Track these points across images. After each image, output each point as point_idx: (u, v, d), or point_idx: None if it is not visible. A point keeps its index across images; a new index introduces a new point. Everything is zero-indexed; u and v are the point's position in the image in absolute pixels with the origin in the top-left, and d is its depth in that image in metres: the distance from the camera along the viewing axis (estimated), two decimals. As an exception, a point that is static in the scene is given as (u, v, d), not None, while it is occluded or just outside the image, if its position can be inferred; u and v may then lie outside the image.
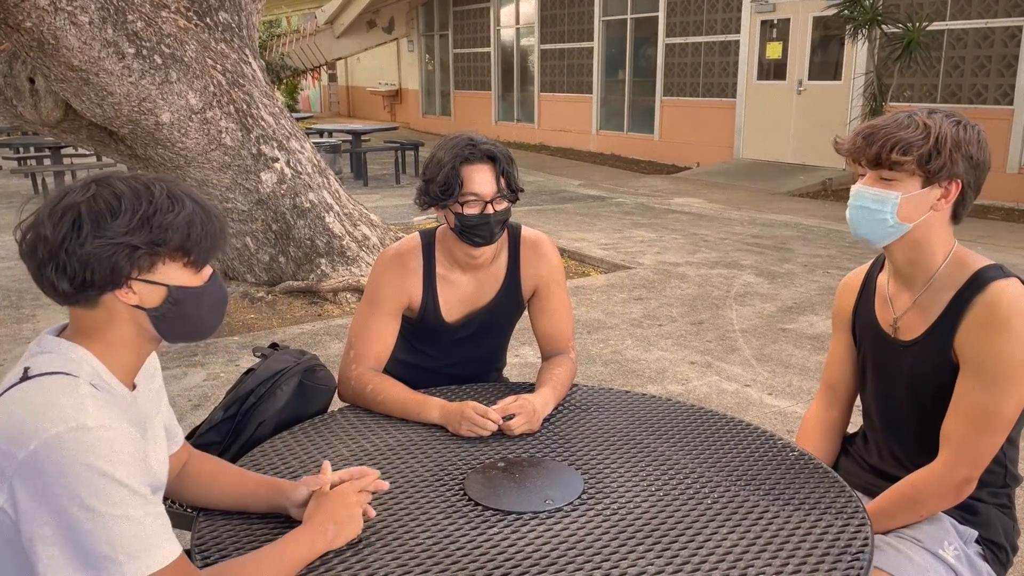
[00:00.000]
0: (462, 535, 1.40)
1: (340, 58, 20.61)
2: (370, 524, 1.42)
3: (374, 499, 1.49)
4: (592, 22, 14.38)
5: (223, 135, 5.08)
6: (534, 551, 1.35)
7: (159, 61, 4.66)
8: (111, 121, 4.73)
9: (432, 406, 1.85)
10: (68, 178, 10.08)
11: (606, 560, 1.33)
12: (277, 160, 5.38)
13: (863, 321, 1.75)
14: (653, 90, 13.36)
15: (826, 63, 10.88)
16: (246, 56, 5.47)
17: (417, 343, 2.14)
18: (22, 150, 11.38)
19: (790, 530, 1.41)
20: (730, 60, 12.04)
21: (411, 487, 1.56)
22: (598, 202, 9.69)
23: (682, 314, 5.25)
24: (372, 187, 10.83)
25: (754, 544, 1.37)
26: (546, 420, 1.86)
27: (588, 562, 1.32)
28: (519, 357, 4.43)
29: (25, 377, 1.15)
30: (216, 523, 1.45)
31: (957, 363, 1.55)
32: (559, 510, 1.48)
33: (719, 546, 1.36)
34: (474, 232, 1.94)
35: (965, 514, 1.63)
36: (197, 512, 1.50)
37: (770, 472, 1.61)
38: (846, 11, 8.85)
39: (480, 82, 17.89)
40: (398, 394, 1.90)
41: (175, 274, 1.22)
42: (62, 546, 1.07)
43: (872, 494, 1.68)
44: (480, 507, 1.49)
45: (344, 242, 5.57)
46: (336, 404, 1.99)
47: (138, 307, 1.20)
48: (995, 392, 1.49)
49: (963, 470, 1.53)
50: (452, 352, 2.14)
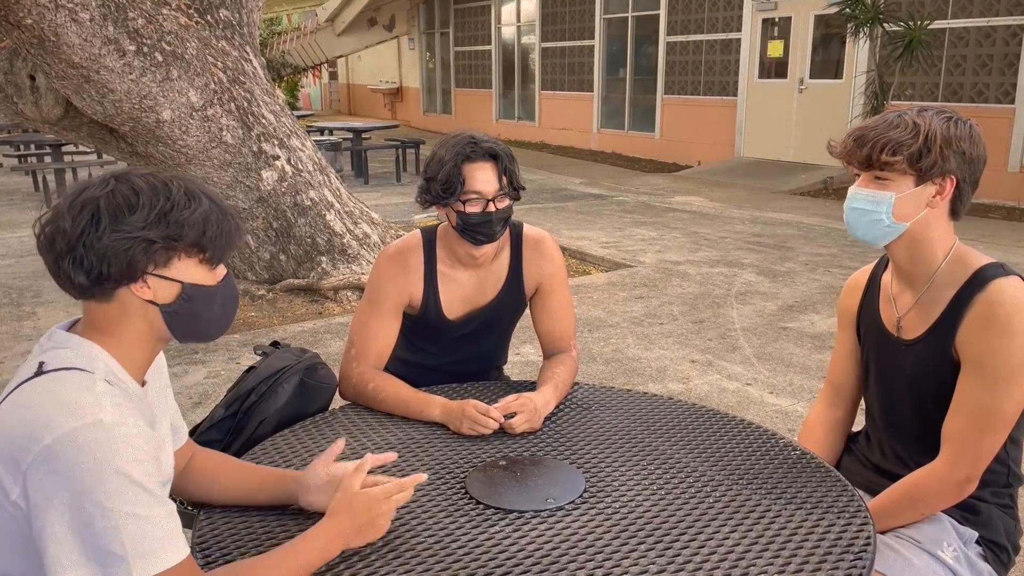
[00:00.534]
0: (464, 534, 1.40)
1: (341, 56, 20.60)
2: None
3: None
4: (593, 20, 14.36)
5: (224, 133, 5.07)
6: (536, 550, 1.35)
7: (160, 58, 4.65)
8: (112, 119, 4.73)
9: (433, 404, 1.84)
10: (69, 176, 10.08)
11: (608, 559, 1.33)
12: (278, 158, 5.38)
13: (867, 320, 1.75)
14: (654, 88, 13.35)
15: (827, 61, 10.87)
16: (247, 54, 5.46)
17: (418, 341, 2.14)
18: (23, 147, 11.38)
19: (792, 529, 1.41)
20: (731, 58, 12.03)
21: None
22: (599, 200, 9.68)
23: (683, 313, 5.24)
24: (373, 185, 10.83)
25: (756, 543, 1.37)
26: (547, 419, 1.86)
27: (590, 561, 1.32)
28: (520, 355, 4.43)
29: (40, 372, 1.15)
30: (216, 521, 1.45)
31: (958, 362, 1.55)
32: (561, 509, 1.48)
33: (721, 545, 1.36)
34: (476, 230, 1.93)
35: (966, 514, 1.62)
36: (198, 510, 1.50)
37: (772, 471, 1.61)
38: (847, 9, 8.84)
39: (481, 80, 17.88)
40: (399, 392, 1.90)
41: (190, 271, 1.23)
42: (72, 542, 1.07)
43: (874, 493, 1.68)
44: (482, 506, 1.49)
45: (345, 240, 5.57)
46: (337, 402, 1.99)
47: (151, 303, 1.21)
48: (996, 391, 1.49)
49: (964, 469, 1.53)
50: (453, 350, 2.13)
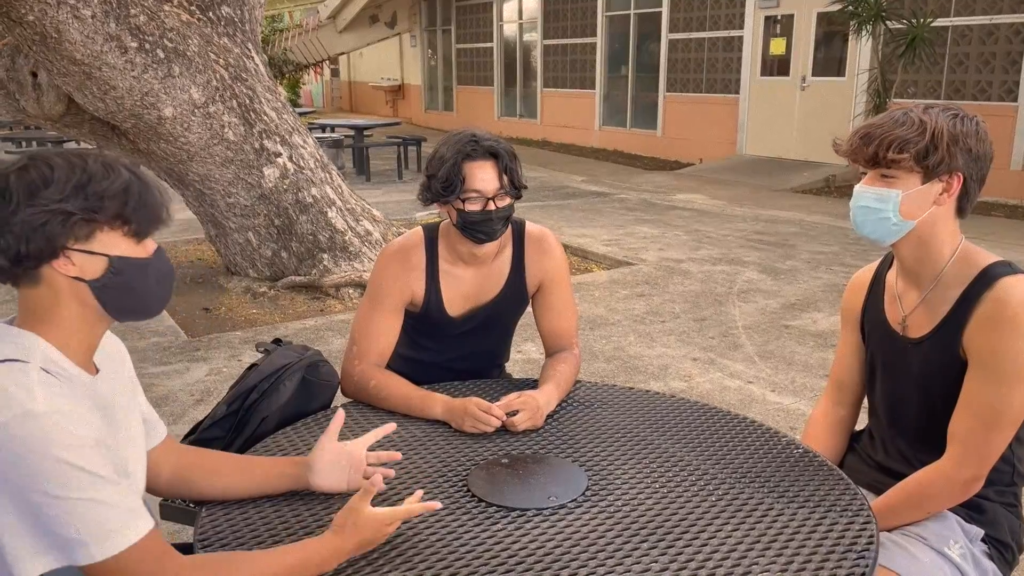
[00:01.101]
0: (466, 532, 1.40)
1: (342, 53, 20.58)
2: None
3: (380, 496, 1.48)
4: (595, 17, 14.35)
5: (225, 130, 5.07)
6: (538, 548, 1.35)
7: (162, 55, 4.65)
8: (114, 115, 4.73)
9: (435, 402, 1.84)
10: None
11: (610, 557, 1.32)
12: (280, 155, 5.37)
13: (872, 319, 1.75)
14: (656, 86, 13.34)
15: (830, 59, 10.85)
16: (249, 51, 5.46)
17: (420, 338, 2.13)
18: (24, 144, 11.38)
19: (795, 527, 1.41)
20: (733, 56, 12.01)
21: (415, 483, 1.56)
22: (601, 198, 9.68)
23: (685, 310, 5.24)
24: (374, 182, 10.83)
25: (759, 541, 1.36)
26: (550, 416, 1.86)
27: (592, 559, 1.32)
28: (522, 353, 4.43)
29: None
30: (218, 517, 1.44)
31: (965, 360, 1.54)
32: (563, 507, 1.47)
33: (723, 543, 1.36)
34: (476, 229, 1.93)
35: (971, 512, 1.62)
36: (200, 507, 1.49)
37: (775, 469, 1.61)
38: (850, 7, 8.82)
39: (483, 77, 17.87)
40: (401, 390, 1.89)
41: (115, 244, 1.19)
42: (27, 533, 1.06)
43: (878, 491, 1.68)
44: (484, 503, 1.49)
45: (346, 237, 5.56)
46: (339, 400, 1.99)
47: (79, 279, 1.18)
48: (1003, 389, 1.48)
49: (970, 468, 1.52)
50: (455, 347, 2.13)
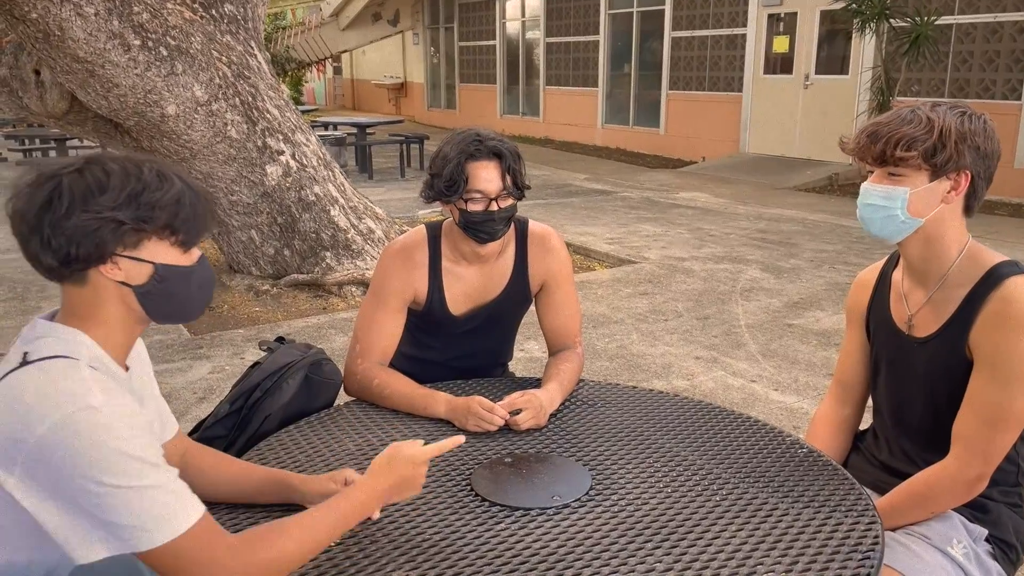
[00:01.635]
0: (469, 531, 1.40)
1: (345, 51, 20.58)
2: (376, 521, 1.41)
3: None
4: (598, 15, 14.33)
5: (228, 128, 5.07)
6: (542, 547, 1.35)
7: (165, 53, 4.65)
8: (117, 113, 4.73)
9: (438, 401, 1.84)
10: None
11: (614, 557, 1.32)
12: (282, 153, 5.37)
13: (877, 318, 1.74)
14: (659, 84, 13.32)
15: (833, 57, 10.83)
16: (252, 48, 5.46)
17: (423, 337, 2.13)
18: (27, 142, 11.39)
19: (800, 527, 1.40)
20: (737, 54, 11.99)
21: (418, 482, 1.56)
22: (603, 196, 9.67)
23: (688, 309, 5.23)
24: (377, 180, 10.82)
25: (763, 541, 1.36)
26: (553, 415, 1.86)
27: (596, 559, 1.32)
28: (525, 352, 4.43)
29: (25, 362, 1.15)
30: (221, 515, 1.44)
31: (971, 360, 1.54)
32: (567, 506, 1.47)
33: (728, 543, 1.35)
34: (478, 228, 1.93)
35: (975, 512, 1.61)
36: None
37: (779, 469, 1.60)
38: (854, 4, 8.80)
39: (485, 75, 17.85)
40: (404, 389, 1.89)
41: (162, 252, 1.22)
42: (88, 524, 1.09)
43: (882, 491, 1.67)
44: (487, 503, 1.48)
45: (349, 235, 5.56)
46: (342, 398, 1.98)
47: (124, 284, 1.21)
48: (1009, 389, 1.48)
49: (975, 467, 1.52)
50: (458, 345, 2.13)
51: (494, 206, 1.91)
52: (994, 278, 1.51)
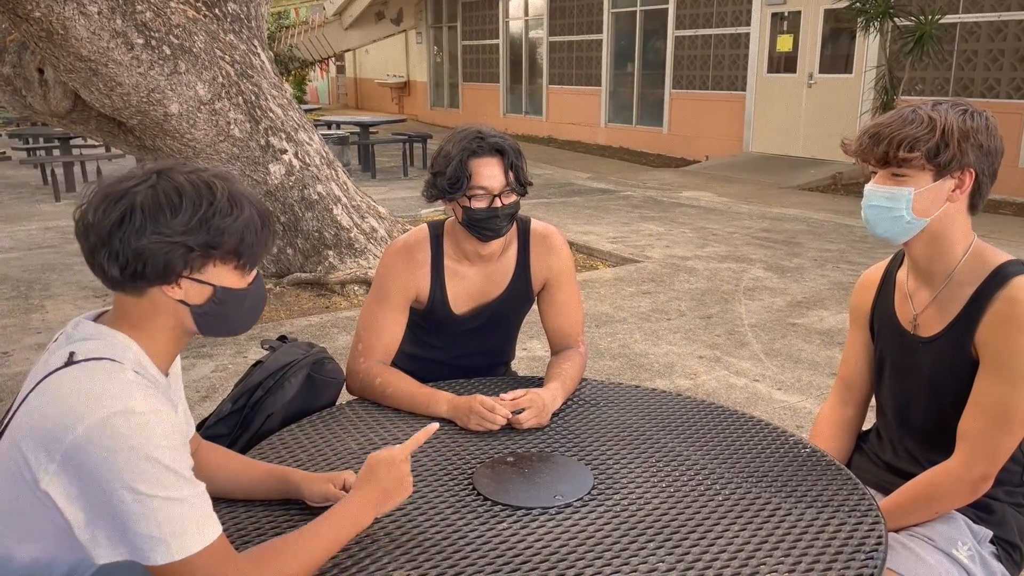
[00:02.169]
0: (471, 530, 1.39)
1: (348, 50, 20.58)
2: (377, 520, 1.41)
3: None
4: (601, 14, 14.31)
5: (231, 126, 5.07)
6: (544, 547, 1.34)
7: (168, 52, 4.65)
8: (120, 112, 4.73)
9: (440, 400, 1.83)
10: (77, 169, 10.10)
11: (616, 556, 1.32)
12: (285, 152, 5.37)
13: (882, 317, 1.74)
14: (662, 83, 13.30)
15: (837, 56, 10.81)
16: (255, 47, 5.46)
17: (425, 336, 2.13)
18: (31, 140, 11.40)
19: (803, 527, 1.40)
20: (740, 53, 11.97)
21: (420, 481, 1.55)
22: (606, 195, 9.66)
23: (691, 308, 5.22)
24: (380, 179, 10.82)
25: (766, 541, 1.36)
26: (555, 414, 1.85)
27: (598, 558, 1.31)
28: (527, 351, 4.42)
29: (71, 362, 1.16)
30: (223, 514, 1.44)
31: (976, 360, 1.53)
32: (569, 505, 1.47)
33: (731, 543, 1.35)
34: (482, 226, 1.92)
35: (980, 513, 1.61)
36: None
37: (782, 469, 1.60)
38: (858, 3, 8.78)
39: (489, 74, 17.85)
40: (406, 387, 1.89)
41: (224, 276, 1.24)
42: (110, 527, 1.10)
43: (885, 491, 1.67)
44: (489, 502, 1.48)
45: (352, 234, 5.56)
46: (344, 397, 1.98)
47: (182, 302, 1.23)
48: (1015, 389, 1.47)
49: (980, 468, 1.51)
50: (460, 345, 2.13)
51: (497, 203, 1.91)
52: (1000, 277, 1.51)
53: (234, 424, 1.86)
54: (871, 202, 1.56)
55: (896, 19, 8.77)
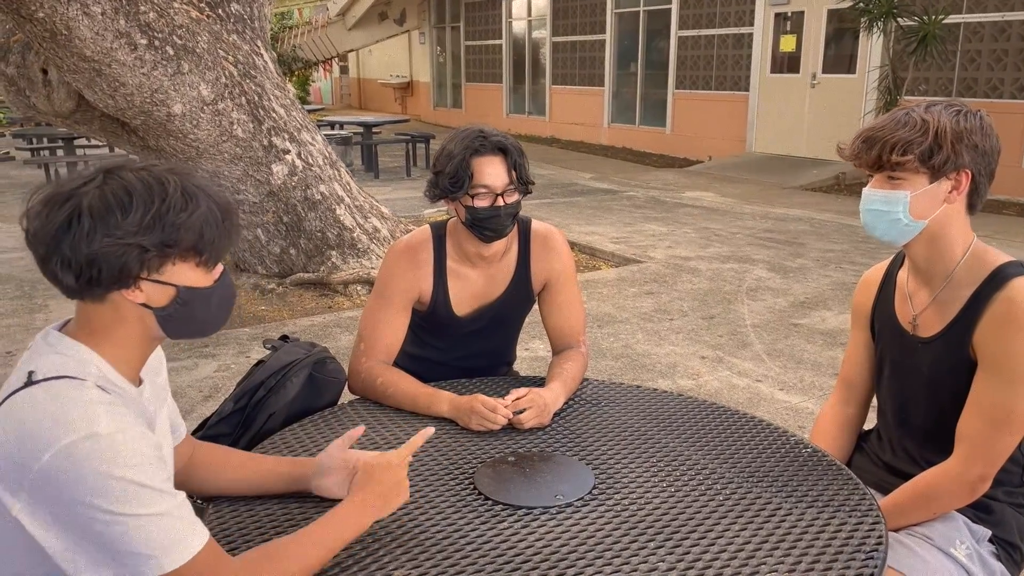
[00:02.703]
0: (472, 529, 1.40)
1: (351, 50, 20.60)
2: (378, 520, 1.41)
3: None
4: (604, 14, 14.31)
5: (234, 127, 5.08)
6: (544, 546, 1.35)
7: (171, 52, 4.66)
8: (123, 112, 4.74)
9: (442, 400, 1.84)
10: (80, 169, 10.10)
11: (617, 556, 1.32)
12: (288, 152, 5.38)
13: (882, 318, 1.74)
14: (665, 83, 13.29)
15: (840, 56, 10.79)
16: (258, 48, 5.46)
17: (426, 336, 2.13)
18: (35, 141, 11.42)
19: (803, 527, 1.40)
20: (743, 53, 11.96)
21: (421, 481, 1.56)
22: (609, 196, 9.66)
23: (693, 308, 5.22)
24: (383, 179, 10.83)
25: (767, 541, 1.36)
26: (556, 414, 1.85)
27: (599, 558, 1.31)
28: (529, 351, 4.42)
29: (30, 382, 1.11)
30: (224, 514, 1.45)
31: (975, 360, 1.53)
32: (570, 505, 1.47)
33: (731, 543, 1.35)
34: (484, 225, 1.92)
35: (979, 513, 1.61)
36: (205, 503, 1.50)
37: (783, 469, 1.60)
38: (861, 4, 8.77)
39: (492, 75, 17.85)
40: (408, 387, 1.89)
41: (185, 274, 1.18)
42: (93, 550, 1.07)
43: (885, 491, 1.67)
44: (490, 501, 1.48)
45: (355, 234, 5.57)
46: (346, 397, 1.98)
47: (145, 306, 1.18)
48: (1013, 390, 1.47)
49: (979, 468, 1.51)
50: (462, 345, 2.13)
51: (500, 201, 1.91)
52: (999, 278, 1.51)
53: (236, 423, 1.86)
54: (868, 206, 1.56)
55: (899, 19, 8.76)
